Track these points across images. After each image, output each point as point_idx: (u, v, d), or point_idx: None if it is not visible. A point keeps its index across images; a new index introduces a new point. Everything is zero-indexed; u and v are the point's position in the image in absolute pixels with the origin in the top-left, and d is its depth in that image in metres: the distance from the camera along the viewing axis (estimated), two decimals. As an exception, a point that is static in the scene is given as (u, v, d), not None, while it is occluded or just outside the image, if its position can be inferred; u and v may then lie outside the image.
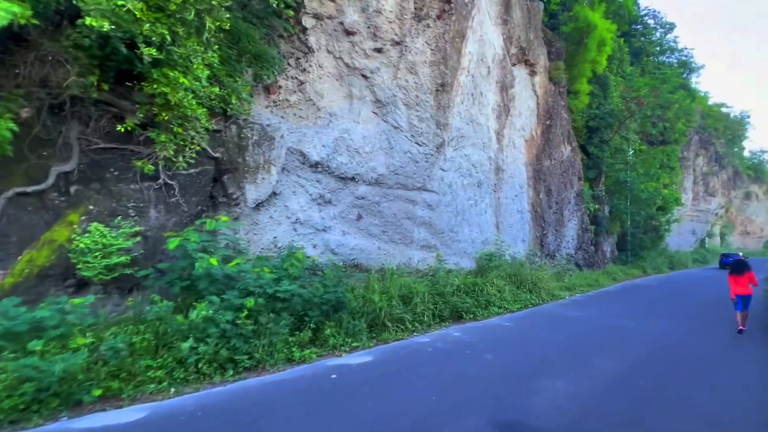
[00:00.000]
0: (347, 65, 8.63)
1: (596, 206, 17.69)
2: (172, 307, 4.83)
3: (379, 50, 8.64)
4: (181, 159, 5.99)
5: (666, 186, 24.66)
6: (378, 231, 9.00)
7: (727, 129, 35.39)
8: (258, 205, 7.37)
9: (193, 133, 6.01)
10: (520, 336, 7.12)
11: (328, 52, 8.59)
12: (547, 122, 15.14)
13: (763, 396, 4.67)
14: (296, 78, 8.43)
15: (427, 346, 6.12)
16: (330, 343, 5.59)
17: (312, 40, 8.40)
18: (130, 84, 5.59)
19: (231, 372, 4.52)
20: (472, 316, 8.36)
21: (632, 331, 7.60)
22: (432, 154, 9.53)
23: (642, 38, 33.18)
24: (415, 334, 6.88)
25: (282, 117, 8.19)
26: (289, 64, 8.41)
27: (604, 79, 19.15)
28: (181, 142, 5.98)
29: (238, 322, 4.74)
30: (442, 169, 10.13)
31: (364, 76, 8.67)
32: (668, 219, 24.86)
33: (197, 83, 5.70)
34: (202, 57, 5.75)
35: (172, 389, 4.15)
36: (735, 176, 39.32)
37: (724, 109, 38.24)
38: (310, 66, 8.47)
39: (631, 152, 20.43)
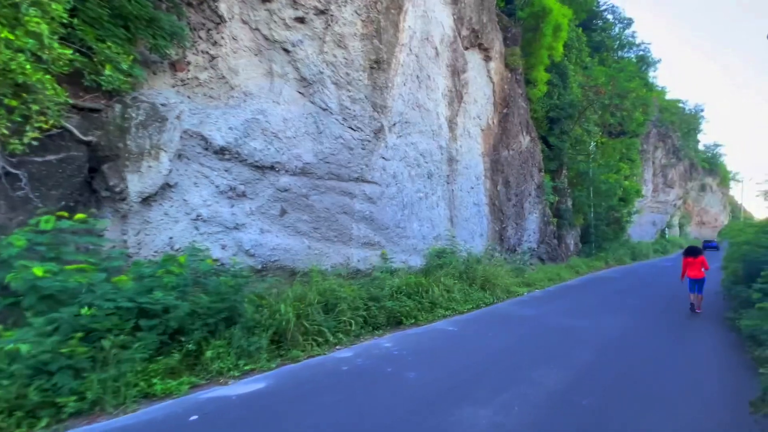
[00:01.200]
0: (266, 37, 7.46)
1: (556, 198, 17.24)
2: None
3: (301, 20, 7.52)
4: (20, 141, 4.68)
5: (627, 178, 24.78)
6: (308, 228, 7.90)
7: (683, 122, 36.40)
8: (147, 200, 6.11)
9: (36, 107, 4.71)
10: (460, 343, 6.20)
11: (243, 22, 7.39)
12: (505, 111, 14.46)
13: (723, 415, 3.90)
14: (207, 53, 7.19)
15: (343, 364, 5.08)
16: (214, 368, 4.45)
17: (222, 7, 7.18)
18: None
19: (45, 421, 3.31)
20: (413, 320, 7.40)
21: (584, 332, 6.84)
22: (369, 141, 8.50)
23: (602, 33, 33.62)
24: (338, 347, 5.83)
25: (188, 97, 6.95)
26: (199, 37, 7.16)
27: (563, 69, 18.77)
28: (20, 119, 4.67)
29: (63, 350, 3.52)
30: (384, 158, 9.13)
31: (286, 50, 7.53)
32: (630, 210, 25.01)
33: (31, 41, 4.41)
34: (40, 7, 4.47)
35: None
36: (691, 168, 40.63)
37: (679, 104, 39.42)
38: (223, 39, 7.25)
39: (593, 144, 20.23)
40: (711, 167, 53.24)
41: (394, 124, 9.27)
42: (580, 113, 18.65)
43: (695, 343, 6.44)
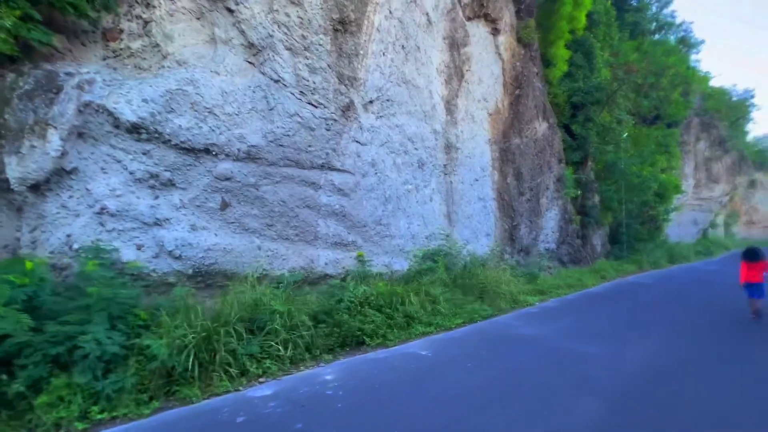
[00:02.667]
0: (206, -5, 6.19)
1: (579, 192, 15.20)
2: None
3: (245, -29, 6.20)
4: None
5: (664, 171, 22.12)
6: (259, 224, 6.58)
7: (730, 110, 32.72)
8: (40, 189, 4.96)
9: None
10: (425, 377, 4.69)
11: (179, -24, 6.16)
12: (517, 92, 12.65)
13: None
14: (141, 17, 6.01)
15: (246, 409, 3.70)
16: (50, 419, 3.18)
17: (153, -41, 5.98)
18: None
19: None
20: (380, 341, 5.94)
21: (598, 364, 5.14)
22: (336, 120, 7.08)
23: (636, 13, 30.58)
24: (261, 380, 4.47)
25: (114, 69, 5.79)
26: (136, 1, 6.00)
27: (589, 47, 16.61)
28: None
29: None
30: (358, 142, 7.68)
31: (229, 9, 6.22)
32: (667, 208, 22.34)
33: None
34: None
35: None
36: (740, 161, 36.68)
37: (726, 92, 35.50)
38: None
39: (625, 134, 17.91)
40: (761, 161, 48.27)
41: (371, 102, 7.80)
42: (609, 98, 16.44)
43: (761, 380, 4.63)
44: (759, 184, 51.87)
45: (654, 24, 32.67)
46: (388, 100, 8.24)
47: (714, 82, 35.85)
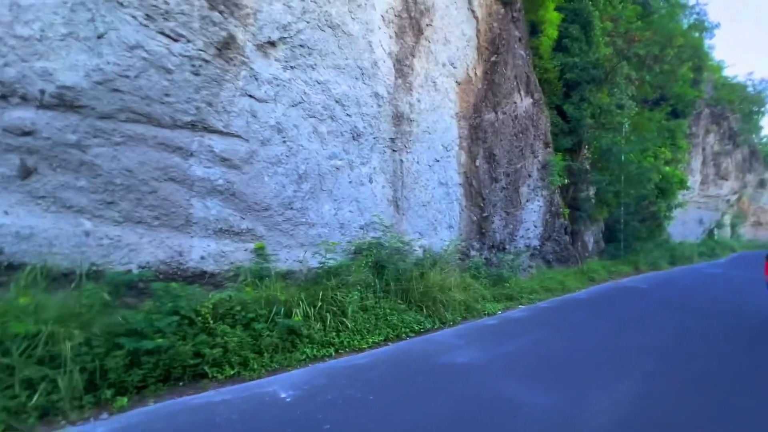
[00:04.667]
0: None
1: (565, 181, 13.23)
2: None
3: None
4: None
5: (668, 163, 20.04)
6: (89, 201, 4.72)
7: (744, 101, 30.37)
8: None
9: None
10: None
11: None
12: (493, 58, 10.64)
13: None
14: None
15: None
16: None
17: None
18: None
19: None
20: (236, 370, 4.11)
21: None
22: (208, 62, 5.17)
23: (646, -7, 28.16)
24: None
25: None
26: None
27: (586, 16, 14.47)
28: None
29: None
30: (253, 97, 5.77)
31: None
32: (670, 204, 20.30)
33: None
34: None
35: None
36: (751, 157, 34.39)
37: (741, 79, 33.05)
38: None
39: (626, 122, 15.81)
40: (773, 160, 45.84)
41: (272, 44, 5.86)
42: (608, 75, 14.35)
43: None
44: (768, 184, 49.57)
45: (664, 8, 30.27)
46: (302, 46, 6.30)
47: (729, 72, 33.47)
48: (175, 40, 4.87)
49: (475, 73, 10.40)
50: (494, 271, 9.56)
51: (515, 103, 11.29)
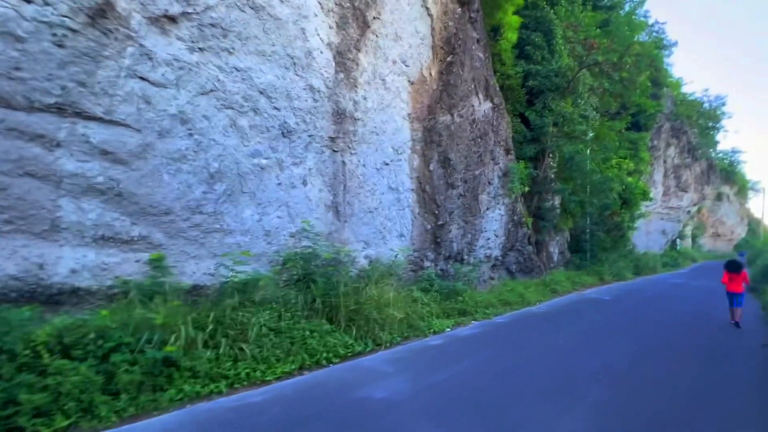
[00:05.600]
0: None
1: (524, 188, 12.80)
2: None
3: None
4: None
5: (631, 174, 20.19)
6: None
7: (701, 116, 31.53)
8: None
9: None
10: None
11: None
12: (449, 59, 10.12)
13: None
14: None
15: None
16: None
17: None
18: None
19: None
20: (75, 419, 3.13)
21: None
22: (77, 32, 4.25)
23: (609, 11, 28.98)
24: None
25: None
26: None
27: (548, 24, 14.33)
28: None
29: None
30: (147, 80, 4.87)
31: None
32: (633, 214, 20.41)
33: None
34: None
35: None
36: (709, 170, 35.69)
37: (698, 95, 34.41)
38: None
39: (589, 132, 15.68)
40: (728, 175, 48.06)
41: (171, 18, 5.00)
42: (570, 83, 14.18)
43: None
44: (725, 197, 51.90)
45: (627, 27, 31.27)
46: (213, 26, 5.47)
47: (687, 89, 34.80)
48: (27, 1, 3.93)
49: (430, 73, 9.83)
50: (448, 284, 8.83)
51: (473, 106, 10.78)
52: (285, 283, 5.86)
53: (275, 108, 6.38)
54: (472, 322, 7.94)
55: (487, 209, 11.71)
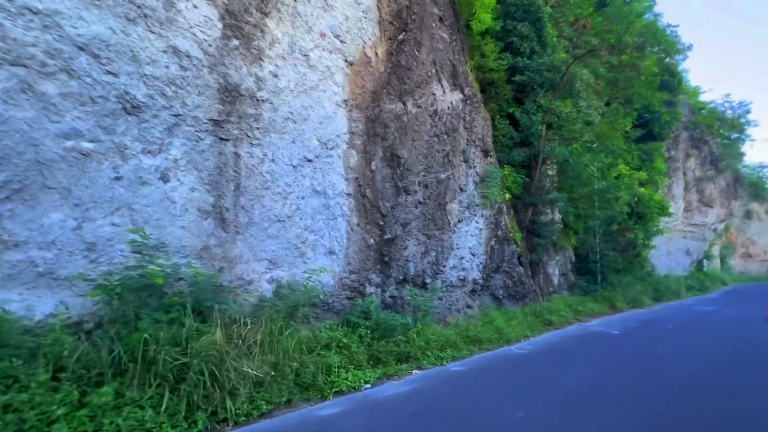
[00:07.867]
0: None
1: (506, 195, 10.63)
2: None
3: None
4: None
5: (643, 184, 17.74)
6: None
7: (723, 125, 28.84)
8: None
9: None
10: None
11: None
12: (400, 36, 8.30)
13: None
14: None
15: None
16: None
17: None
18: None
19: None
20: None
21: None
22: None
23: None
24: None
25: None
26: None
27: (537, 13, 12.49)
28: None
29: None
30: None
31: None
32: (648, 231, 17.80)
33: None
34: None
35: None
36: (736, 183, 32.58)
37: (718, 102, 31.63)
38: None
39: (588, 134, 13.49)
40: (757, 192, 44.37)
41: None
42: (564, 76, 12.19)
43: None
44: (755, 215, 48.01)
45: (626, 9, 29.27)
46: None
47: (706, 97, 32.18)
48: None
49: (376, 53, 8.00)
50: (388, 318, 6.66)
51: (434, 94, 8.85)
52: (103, 323, 3.87)
53: (108, 72, 4.58)
54: (414, 371, 5.74)
55: (460, 222, 9.58)
